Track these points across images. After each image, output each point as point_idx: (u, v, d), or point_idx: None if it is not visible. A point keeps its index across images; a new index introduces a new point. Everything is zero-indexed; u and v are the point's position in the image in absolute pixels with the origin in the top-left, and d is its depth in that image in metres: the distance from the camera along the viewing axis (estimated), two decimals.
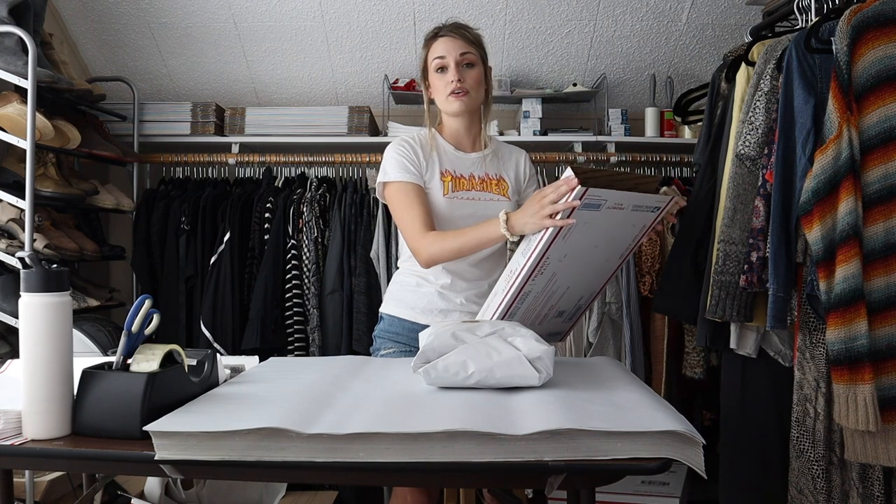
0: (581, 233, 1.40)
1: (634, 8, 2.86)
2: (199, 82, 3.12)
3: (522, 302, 1.48)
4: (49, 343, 1.01)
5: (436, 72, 1.71)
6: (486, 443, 0.95)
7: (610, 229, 1.48)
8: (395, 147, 1.72)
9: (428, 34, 1.75)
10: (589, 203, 1.35)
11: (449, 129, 1.77)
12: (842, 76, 1.55)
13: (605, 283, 1.65)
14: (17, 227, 2.33)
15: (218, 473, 1.11)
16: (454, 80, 1.67)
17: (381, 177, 1.71)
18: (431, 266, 1.66)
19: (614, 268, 1.62)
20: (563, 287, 1.54)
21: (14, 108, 2.22)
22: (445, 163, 1.73)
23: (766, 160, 1.74)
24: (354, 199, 2.71)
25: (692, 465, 0.96)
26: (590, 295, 1.65)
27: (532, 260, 1.41)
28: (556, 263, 1.44)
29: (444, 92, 1.70)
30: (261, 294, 2.62)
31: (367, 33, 2.94)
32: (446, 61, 1.69)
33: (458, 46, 1.70)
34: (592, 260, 1.53)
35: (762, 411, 1.81)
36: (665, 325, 2.56)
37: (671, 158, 2.89)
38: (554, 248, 1.40)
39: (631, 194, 1.45)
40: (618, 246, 1.56)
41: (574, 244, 1.42)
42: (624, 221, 1.48)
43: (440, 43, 1.71)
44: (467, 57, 1.70)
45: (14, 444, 0.99)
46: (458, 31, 1.72)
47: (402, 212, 1.66)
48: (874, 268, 1.54)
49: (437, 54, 1.70)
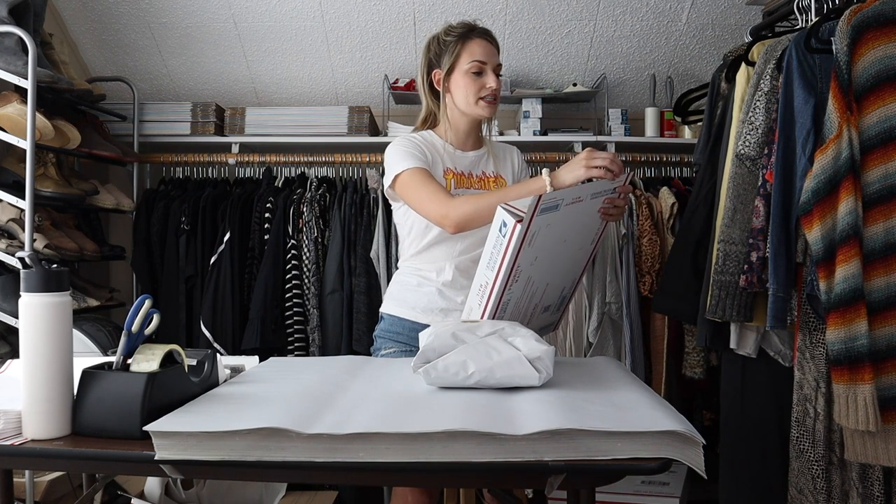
0: (546, 235, 1.39)
1: (634, 8, 2.86)
2: (199, 82, 3.12)
3: (504, 310, 1.48)
4: (49, 343, 1.01)
5: (471, 73, 1.71)
6: (486, 443, 0.95)
7: (575, 222, 1.47)
8: (397, 143, 1.72)
9: (458, 29, 1.73)
10: (546, 207, 1.34)
11: (451, 129, 1.77)
12: (842, 76, 1.55)
13: (585, 268, 1.65)
14: (17, 227, 2.33)
15: (218, 473, 1.10)
16: (493, 85, 1.71)
17: (390, 171, 1.68)
18: (460, 230, 1.59)
19: (590, 252, 1.61)
20: (542, 286, 1.53)
21: (14, 108, 2.22)
22: (447, 161, 1.74)
23: (766, 160, 1.74)
24: (354, 199, 2.71)
25: (692, 465, 0.96)
26: (572, 284, 1.65)
27: (503, 273, 1.39)
28: (529, 268, 1.44)
29: (476, 95, 1.71)
30: (261, 294, 2.62)
31: (367, 33, 2.94)
32: (485, 66, 1.71)
33: (494, 54, 1.74)
34: (564, 253, 1.52)
35: (762, 411, 1.81)
36: (665, 325, 2.56)
37: (671, 158, 2.89)
38: (522, 256, 1.38)
39: (584, 185, 1.46)
40: (587, 233, 1.55)
41: (542, 246, 1.41)
42: (586, 211, 1.48)
43: (478, 45, 1.71)
44: (499, 68, 1.75)
45: (14, 444, 0.99)
46: (492, 37, 1.75)
47: (418, 190, 1.62)
48: (874, 268, 1.54)
49: (477, 57, 1.70)
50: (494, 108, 1.74)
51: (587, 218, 1.51)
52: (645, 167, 2.91)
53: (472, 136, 1.79)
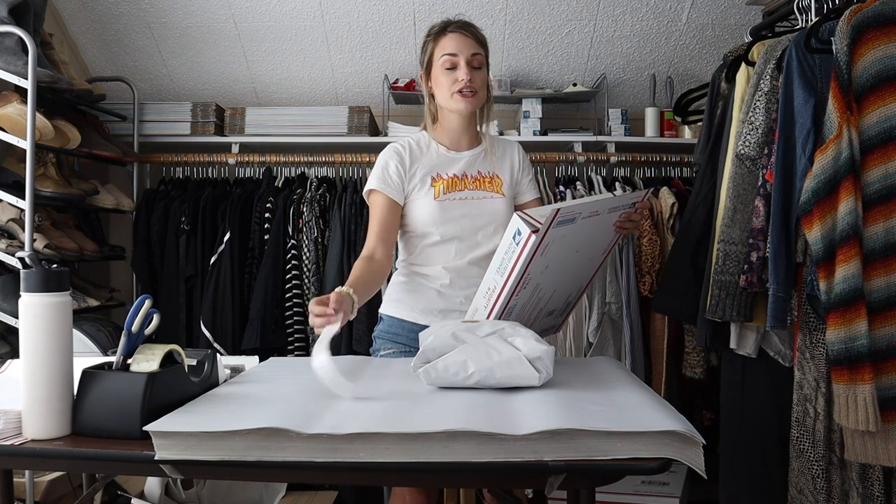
0: (559, 245, 1.40)
1: (634, 8, 2.86)
2: (199, 82, 3.12)
3: (510, 314, 1.48)
4: (49, 343, 1.01)
5: (444, 69, 1.68)
6: (486, 443, 0.95)
7: (589, 234, 1.47)
8: (383, 155, 1.74)
9: (434, 27, 1.72)
10: (563, 220, 1.34)
11: (446, 127, 1.76)
12: (842, 76, 1.54)
13: (593, 277, 1.65)
14: (17, 227, 2.33)
15: (218, 473, 1.11)
16: (465, 78, 1.65)
17: (368, 181, 1.74)
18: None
19: (599, 262, 1.61)
20: (549, 292, 1.53)
21: (14, 108, 2.22)
22: (438, 166, 1.73)
23: (766, 160, 1.74)
24: (354, 199, 2.71)
25: (692, 465, 0.96)
26: (578, 291, 1.65)
27: (512, 279, 1.40)
28: (539, 276, 1.44)
29: (451, 89, 1.67)
30: (261, 294, 2.62)
31: (367, 33, 2.94)
32: (457, 59, 1.66)
33: (469, 46, 1.68)
34: (575, 263, 1.53)
35: (762, 411, 1.81)
36: (665, 325, 2.56)
37: (671, 158, 2.89)
38: (533, 265, 1.39)
39: (604, 199, 1.46)
40: (599, 245, 1.55)
41: (554, 256, 1.41)
42: (602, 224, 1.48)
43: (450, 39, 1.68)
44: (477, 58, 1.68)
45: (14, 444, 0.99)
46: (469, 29, 1.70)
47: (370, 217, 1.71)
48: (874, 268, 1.54)
49: (448, 51, 1.67)
50: (472, 101, 1.68)
51: (601, 230, 1.51)
52: (645, 167, 2.91)
53: (468, 134, 1.77)
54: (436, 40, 1.71)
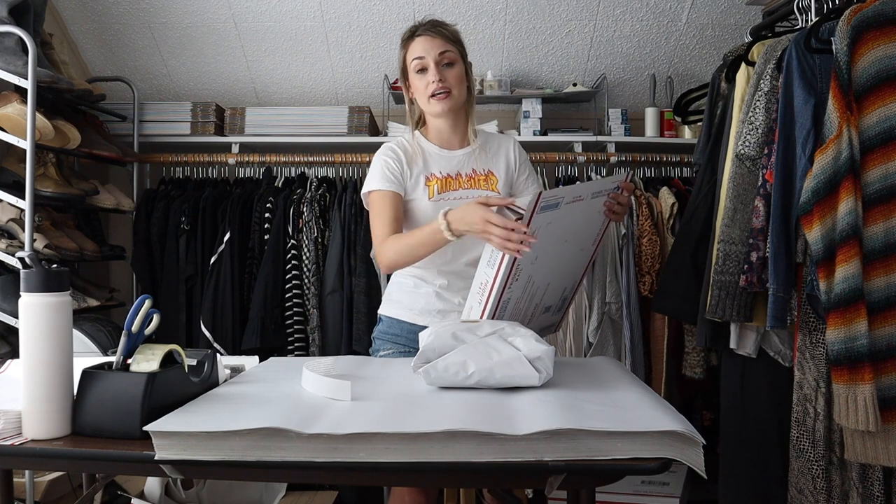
0: (546, 233, 1.39)
1: (634, 8, 2.86)
2: (199, 82, 3.12)
3: (504, 309, 1.48)
4: (49, 343, 1.01)
5: (416, 73, 1.68)
6: (486, 443, 0.95)
7: (575, 222, 1.47)
8: (378, 156, 1.73)
9: (404, 34, 1.72)
10: (546, 205, 1.34)
11: (434, 129, 1.76)
12: (842, 76, 1.55)
13: (586, 270, 1.65)
14: (17, 227, 2.33)
15: (218, 473, 1.11)
16: (435, 80, 1.65)
17: (366, 185, 1.72)
18: (391, 271, 1.69)
19: (591, 254, 1.61)
20: (542, 286, 1.53)
21: (14, 108, 2.22)
22: (431, 166, 1.72)
23: (766, 160, 1.74)
24: (354, 199, 2.71)
25: (692, 465, 0.96)
26: (573, 285, 1.65)
27: (502, 272, 1.40)
28: (529, 267, 1.44)
29: (426, 93, 1.67)
30: (261, 294, 2.62)
31: (367, 33, 2.94)
32: (425, 62, 1.66)
33: (436, 45, 1.66)
34: (566, 253, 1.52)
35: (762, 411, 1.81)
36: (665, 325, 2.56)
37: (671, 158, 2.89)
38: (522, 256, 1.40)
39: (585, 184, 1.46)
40: (588, 234, 1.55)
41: (542, 245, 1.41)
42: (587, 210, 1.48)
43: (418, 43, 1.68)
44: (447, 56, 1.67)
45: (14, 444, 0.99)
46: (436, 29, 1.68)
47: (374, 219, 1.67)
48: (874, 268, 1.54)
49: (416, 55, 1.67)
50: (447, 101, 1.66)
51: (588, 218, 1.51)
52: (645, 167, 2.91)
53: (458, 132, 1.76)
54: (405, 46, 1.71)
